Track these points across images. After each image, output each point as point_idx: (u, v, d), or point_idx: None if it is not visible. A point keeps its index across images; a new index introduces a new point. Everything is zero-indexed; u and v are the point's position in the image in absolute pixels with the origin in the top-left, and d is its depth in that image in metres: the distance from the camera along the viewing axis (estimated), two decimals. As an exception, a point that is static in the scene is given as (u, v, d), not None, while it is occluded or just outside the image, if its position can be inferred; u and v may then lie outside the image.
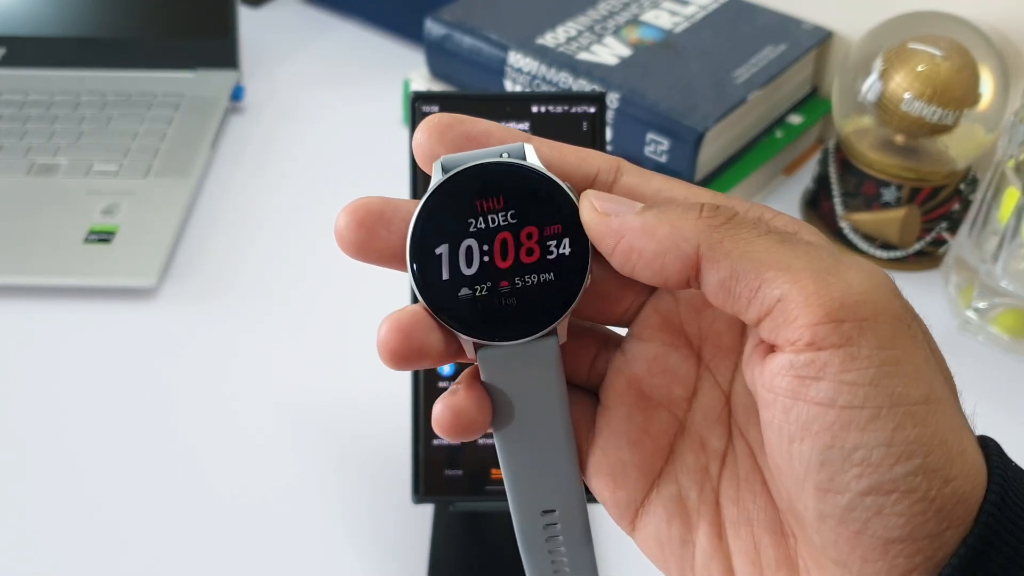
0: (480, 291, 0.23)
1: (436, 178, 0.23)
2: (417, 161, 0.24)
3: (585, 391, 0.26)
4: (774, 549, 0.24)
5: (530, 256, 0.23)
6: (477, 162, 0.23)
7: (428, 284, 0.23)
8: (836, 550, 0.21)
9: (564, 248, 0.23)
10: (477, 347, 0.23)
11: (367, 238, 0.23)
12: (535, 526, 0.26)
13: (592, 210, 0.22)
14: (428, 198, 0.23)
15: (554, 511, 0.26)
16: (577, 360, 0.26)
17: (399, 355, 0.23)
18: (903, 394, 0.20)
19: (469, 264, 0.23)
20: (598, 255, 0.23)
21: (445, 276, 0.23)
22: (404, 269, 0.23)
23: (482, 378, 0.24)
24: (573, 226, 0.23)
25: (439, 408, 0.24)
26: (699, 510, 0.25)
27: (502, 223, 0.23)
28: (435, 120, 0.24)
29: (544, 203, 0.23)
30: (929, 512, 0.20)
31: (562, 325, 0.23)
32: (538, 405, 0.24)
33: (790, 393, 0.21)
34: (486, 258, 0.22)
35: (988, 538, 0.20)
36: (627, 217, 0.22)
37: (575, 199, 0.23)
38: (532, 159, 0.23)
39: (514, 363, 0.24)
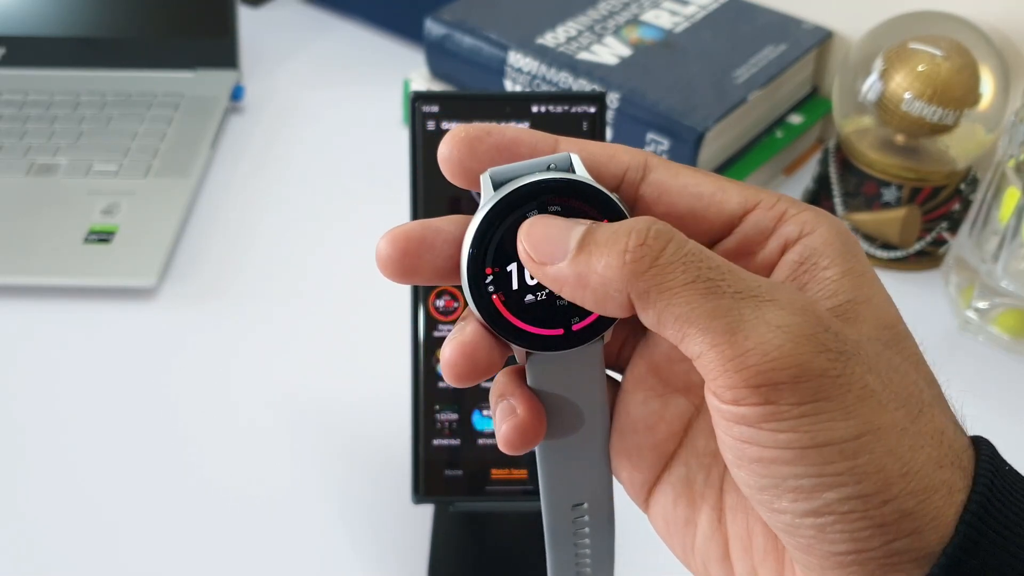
0: (536, 303, 0.23)
1: (488, 194, 0.23)
2: (447, 175, 0.24)
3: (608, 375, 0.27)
4: (763, 538, 0.24)
5: None
6: (530, 179, 0.23)
7: (486, 301, 0.23)
8: (798, 557, 0.22)
9: None
10: (528, 354, 0.24)
11: (413, 265, 0.23)
12: (564, 520, 0.27)
13: (528, 259, 0.22)
14: (485, 216, 0.23)
15: (583, 504, 0.27)
16: (607, 346, 0.27)
17: (465, 376, 0.23)
18: (828, 436, 0.20)
19: (526, 281, 0.23)
20: None
21: (503, 293, 0.23)
22: (446, 283, 0.24)
23: (528, 383, 0.24)
24: None
25: (505, 429, 0.24)
26: (704, 494, 0.25)
27: None
28: (461, 133, 0.24)
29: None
30: (870, 528, 0.20)
31: (610, 329, 0.24)
32: (580, 405, 0.25)
33: (722, 427, 0.21)
34: None
35: (968, 547, 0.20)
36: (561, 267, 0.22)
37: (626, 212, 0.23)
38: (580, 170, 0.23)
39: (562, 367, 0.24)
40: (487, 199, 0.23)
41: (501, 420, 0.24)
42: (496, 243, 0.23)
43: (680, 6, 0.73)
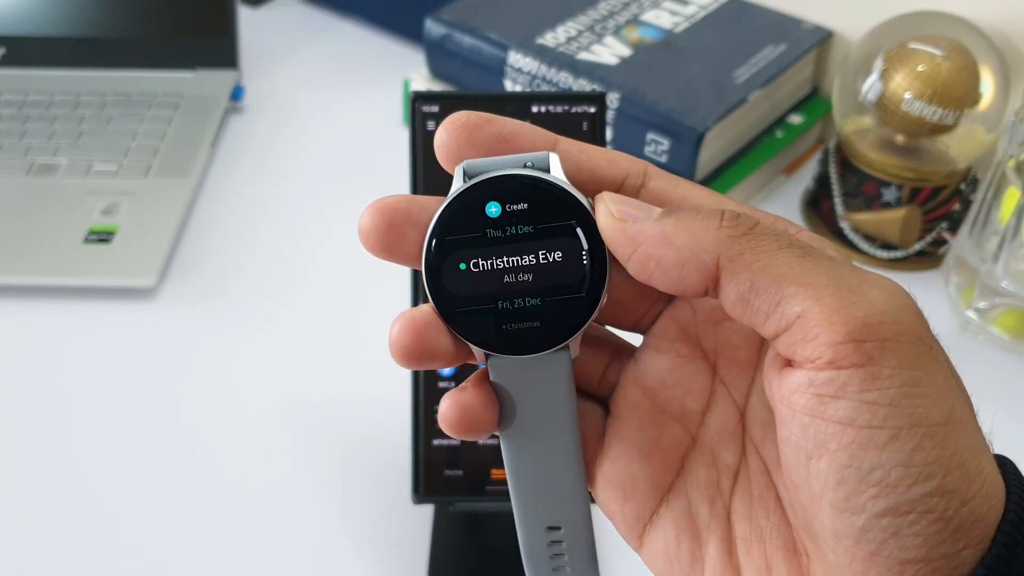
0: (492, 304, 0.22)
1: (457, 184, 0.22)
2: (441, 160, 0.23)
3: (596, 401, 0.26)
4: (786, 567, 0.23)
5: None
6: (499, 173, 0.22)
7: (442, 292, 0.22)
8: (851, 570, 0.21)
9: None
10: (488, 355, 0.23)
11: (396, 238, 0.23)
12: (540, 541, 0.26)
13: (608, 215, 0.22)
14: (448, 205, 0.22)
15: (559, 528, 0.26)
16: (589, 369, 0.26)
17: (410, 355, 0.23)
18: (923, 415, 0.20)
19: (484, 277, 0.22)
20: (615, 261, 0.22)
21: (459, 286, 0.22)
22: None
23: (492, 379, 0.24)
24: (592, 244, 0.22)
25: (446, 404, 0.23)
26: (710, 526, 0.24)
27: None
28: (461, 119, 0.23)
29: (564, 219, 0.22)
30: (946, 532, 0.20)
31: (575, 341, 0.23)
32: (547, 417, 0.24)
33: (808, 410, 0.20)
34: (501, 272, 0.22)
35: (1006, 559, 0.20)
36: (645, 224, 0.21)
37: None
38: (556, 171, 0.23)
39: (525, 374, 0.23)
40: (454, 189, 0.22)
41: (445, 397, 0.23)
42: (457, 234, 0.22)
43: (680, 6, 0.73)
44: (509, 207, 0.22)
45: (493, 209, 0.22)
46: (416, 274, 0.41)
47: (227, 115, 0.75)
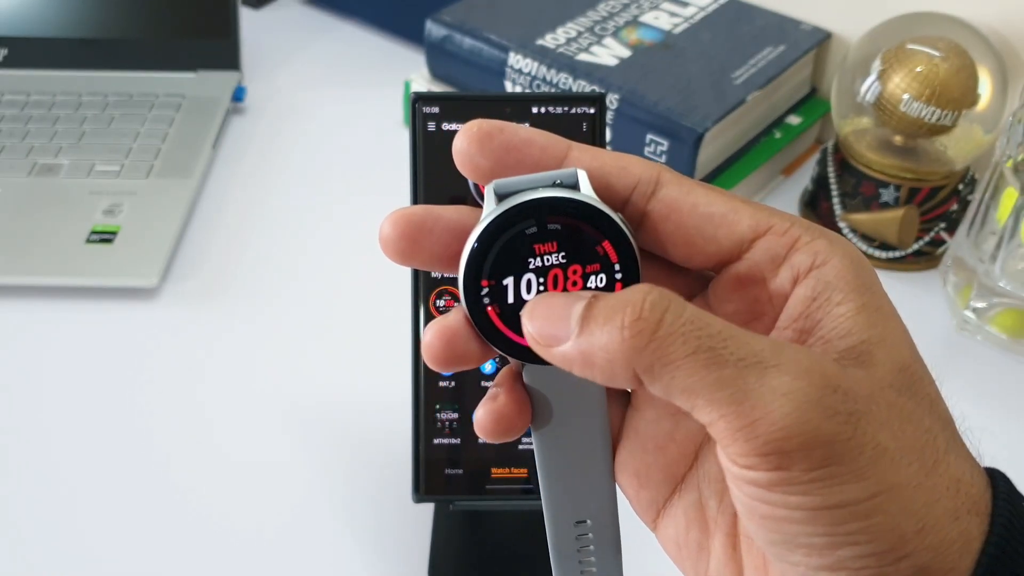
0: None
1: (489, 207, 0.23)
2: (458, 167, 0.24)
3: (618, 391, 0.27)
4: (779, 572, 0.24)
5: (576, 288, 0.23)
6: (531, 196, 0.23)
7: (480, 311, 0.23)
8: None
9: (614, 279, 0.23)
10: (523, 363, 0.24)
11: (410, 247, 0.24)
12: (568, 535, 0.27)
13: (535, 343, 0.22)
14: (484, 229, 0.23)
15: (586, 521, 0.27)
16: None
17: (440, 360, 0.24)
18: (841, 499, 0.20)
19: (522, 295, 0.23)
20: (645, 268, 0.23)
21: (498, 305, 0.23)
22: (444, 271, 0.24)
23: (525, 381, 0.25)
24: (623, 259, 0.23)
25: (480, 413, 0.24)
26: (717, 520, 0.25)
27: (557, 260, 0.23)
28: (475, 128, 0.24)
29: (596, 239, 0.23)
30: None
31: None
32: (578, 418, 0.25)
33: (734, 484, 0.21)
34: (541, 289, 0.23)
35: None
36: (567, 347, 0.22)
37: (628, 233, 0.23)
38: (585, 187, 0.23)
39: (559, 380, 0.24)
40: (487, 212, 0.23)
41: (481, 405, 0.24)
42: (493, 257, 0.23)
43: (679, 7, 0.74)
44: (542, 228, 0.23)
45: (527, 230, 0.23)
46: (417, 275, 0.41)
47: (229, 116, 0.76)
